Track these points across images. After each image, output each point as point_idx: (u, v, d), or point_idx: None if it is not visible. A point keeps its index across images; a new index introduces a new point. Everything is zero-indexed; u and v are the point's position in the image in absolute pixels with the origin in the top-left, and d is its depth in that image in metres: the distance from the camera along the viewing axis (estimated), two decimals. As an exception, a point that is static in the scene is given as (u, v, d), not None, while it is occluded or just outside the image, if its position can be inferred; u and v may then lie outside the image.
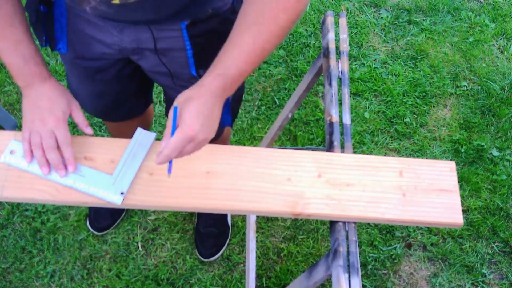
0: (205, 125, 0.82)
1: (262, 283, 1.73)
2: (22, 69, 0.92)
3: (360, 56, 2.25)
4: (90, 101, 1.29)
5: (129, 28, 1.02)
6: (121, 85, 1.24)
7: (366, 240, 1.82)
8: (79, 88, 1.25)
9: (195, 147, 0.83)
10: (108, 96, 1.26)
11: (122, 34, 1.03)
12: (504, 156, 2.05)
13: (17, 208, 1.78)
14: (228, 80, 0.83)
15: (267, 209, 0.93)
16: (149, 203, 0.92)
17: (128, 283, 1.68)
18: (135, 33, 1.03)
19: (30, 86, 0.93)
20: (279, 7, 0.81)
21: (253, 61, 0.84)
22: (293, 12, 0.82)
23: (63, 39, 1.08)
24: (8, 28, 0.90)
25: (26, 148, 0.91)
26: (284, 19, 0.82)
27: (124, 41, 1.04)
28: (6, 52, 0.91)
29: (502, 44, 2.37)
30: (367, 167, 0.99)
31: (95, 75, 1.17)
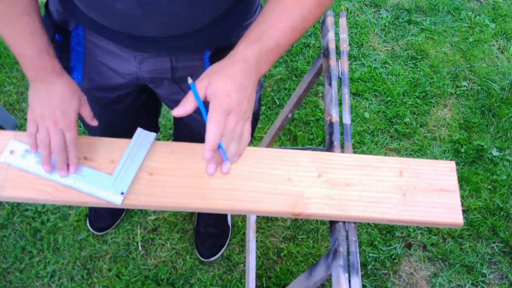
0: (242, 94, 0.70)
1: (262, 283, 1.73)
2: (34, 60, 0.88)
3: (360, 56, 2.25)
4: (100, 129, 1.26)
5: (150, 59, 1.00)
6: (134, 115, 1.22)
7: (366, 240, 1.82)
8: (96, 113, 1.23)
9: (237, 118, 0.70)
10: (120, 125, 1.23)
11: (141, 65, 1.01)
12: (504, 156, 2.05)
13: (17, 208, 1.78)
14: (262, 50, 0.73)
15: (267, 209, 0.93)
16: (149, 203, 0.92)
17: (128, 283, 1.68)
18: (155, 63, 1.01)
19: (41, 80, 0.90)
20: None
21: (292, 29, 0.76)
22: None
23: (79, 68, 1.06)
24: (24, 17, 0.86)
25: (32, 141, 0.90)
26: None
27: (142, 71, 1.03)
28: (20, 42, 0.88)
29: (502, 44, 2.37)
30: (367, 167, 0.99)
31: (110, 105, 1.15)
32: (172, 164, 0.96)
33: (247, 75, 0.72)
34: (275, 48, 0.75)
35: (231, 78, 0.70)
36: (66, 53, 1.03)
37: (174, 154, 0.98)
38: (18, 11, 0.86)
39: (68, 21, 1.00)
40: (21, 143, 0.95)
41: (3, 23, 0.87)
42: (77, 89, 0.94)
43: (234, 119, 0.70)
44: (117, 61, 1.02)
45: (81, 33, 1.01)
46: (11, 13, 0.85)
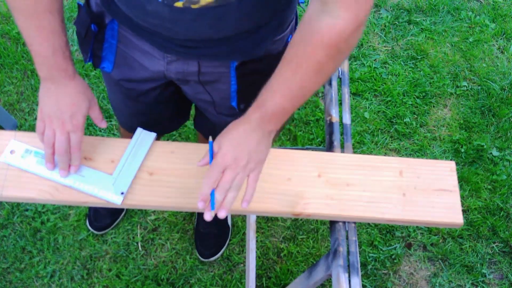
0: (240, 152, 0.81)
1: (262, 283, 1.73)
2: (48, 60, 0.89)
3: (360, 56, 2.25)
4: (129, 119, 1.29)
5: (178, 61, 1.01)
6: (163, 106, 1.23)
7: (366, 240, 1.82)
8: (120, 106, 1.26)
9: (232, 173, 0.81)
10: (148, 115, 1.25)
11: (169, 65, 1.02)
12: (504, 156, 2.05)
13: (17, 208, 1.78)
14: (267, 113, 0.82)
15: (267, 209, 0.93)
16: (149, 203, 0.93)
17: (128, 283, 1.68)
18: (182, 66, 1.02)
19: (52, 79, 0.90)
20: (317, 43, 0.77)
21: (292, 97, 0.82)
22: (332, 49, 0.77)
23: (110, 59, 1.07)
24: (47, 15, 0.86)
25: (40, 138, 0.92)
26: (322, 55, 0.78)
27: (170, 71, 1.04)
28: (37, 40, 0.88)
29: (502, 44, 2.37)
30: (367, 167, 0.99)
31: (138, 97, 1.16)
32: (172, 164, 0.96)
33: (248, 134, 0.82)
34: (278, 112, 0.83)
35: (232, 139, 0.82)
36: (99, 43, 1.04)
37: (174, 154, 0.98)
38: (41, 8, 0.86)
39: (105, 14, 1.01)
40: (21, 143, 0.95)
41: (24, 18, 0.87)
42: (88, 92, 0.95)
43: (230, 174, 0.81)
44: (146, 58, 1.03)
45: (116, 27, 1.02)
46: (33, 9, 0.86)
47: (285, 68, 0.81)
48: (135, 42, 1.02)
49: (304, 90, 0.82)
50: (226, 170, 0.81)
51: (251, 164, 0.83)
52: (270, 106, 0.82)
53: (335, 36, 0.76)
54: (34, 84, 2.04)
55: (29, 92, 2.02)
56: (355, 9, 0.74)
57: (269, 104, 0.82)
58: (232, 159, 0.81)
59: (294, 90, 0.81)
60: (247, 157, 0.82)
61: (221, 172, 0.81)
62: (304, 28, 0.79)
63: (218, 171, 0.81)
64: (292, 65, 0.80)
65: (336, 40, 0.76)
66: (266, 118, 0.82)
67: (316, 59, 0.78)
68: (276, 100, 0.81)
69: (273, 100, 0.81)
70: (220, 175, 0.81)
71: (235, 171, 0.81)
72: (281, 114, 0.83)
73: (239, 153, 0.82)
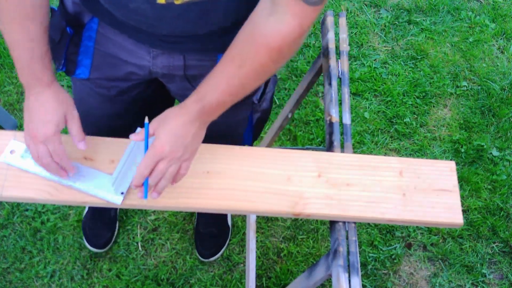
0: (177, 145, 0.84)
1: (262, 283, 1.73)
2: (26, 67, 0.89)
3: (360, 56, 2.25)
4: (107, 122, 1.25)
5: (163, 55, 1.01)
6: (142, 106, 1.22)
7: (366, 240, 1.82)
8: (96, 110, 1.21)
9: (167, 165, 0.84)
10: (126, 117, 1.23)
11: (155, 60, 1.02)
12: (504, 156, 2.05)
13: (17, 208, 1.78)
14: (205, 106, 0.85)
15: (267, 209, 0.93)
16: (149, 203, 0.93)
17: (128, 283, 1.68)
18: (168, 60, 1.01)
19: (30, 88, 0.90)
20: (262, 45, 0.79)
21: (232, 93, 0.85)
22: (276, 53, 0.80)
23: (86, 64, 1.06)
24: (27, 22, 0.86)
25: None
26: (265, 58, 0.80)
27: (156, 66, 1.03)
28: (17, 45, 0.88)
29: (502, 44, 2.37)
30: (367, 167, 0.99)
31: (117, 97, 1.14)
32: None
33: (187, 127, 0.85)
34: (217, 105, 0.85)
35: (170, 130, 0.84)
36: (75, 46, 1.03)
37: (174, 154, 0.97)
38: (23, 14, 0.85)
39: (82, 13, 1.00)
40: (21, 143, 0.95)
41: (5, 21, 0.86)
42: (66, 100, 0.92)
43: (165, 165, 0.84)
44: (130, 55, 1.03)
45: (95, 27, 1.01)
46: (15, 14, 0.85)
47: (228, 64, 0.83)
48: (117, 40, 1.01)
49: (245, 87, 0.85)
50: (161, 160, 0.84)
51: (186, 155, 0.86)
52: (210, 100, 0.84)
53: (279, 41, 0.78)
54: (34, 84, 2.04)
55: (29, 92, 2.02)
56: (301, 17, 0.76)
57: (209, 98, 0.84)
58: (169, 151, 0.84)
59: (235, 86, 0.84)
60: (183, 150, 0.85)
61: (156, 162, 0.84)
62: (250, 28, 0.81)
63: (153, 161, 0.84)
64: (235, 62, 0.82)
65: (280, 45, 0.78)
66: (205, 110, 0.85)
67: (259, 60, 0.81)
68: (216, 95, 0.84)
69: (214, 95, 0.84)
70: (154, 164, 0.84)
71: (170, 162, 0.84)
72: (220, 107, 0.86)
73: (176, 146, 0.84)
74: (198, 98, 0.85)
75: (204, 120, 0.87)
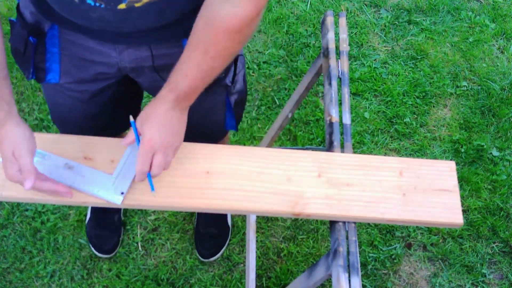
0: (164, 134, 0.87)
1: (262, 283, 1.73)
2: None
3: (360, 56, 2.25)
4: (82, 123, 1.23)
5: (129, 49, 1.01)
6: (116, 106, 1.22)
7: (366, 240, 1.82)
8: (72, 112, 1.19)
9: (163, 156, 0.87)
10: (101, 117, 1.23)
11: (122, 55, 1.02)
12: (504, 156, 2.05)
13: (17, 208, 1.78)
14: (180, 94, 0.88)
15: (267, 209, 0.93)
16: (149, 203, 0.93)
17: (128, 283, 1.68)
18: (135, 53, 1.02)
19: None
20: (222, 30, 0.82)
21: (202, 77, 0.88)
22: (236, 35, 0.83)
23: (55, 69, 1.06)
24: None
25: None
26: (227, 41, 0.83)
27: (123, 61, 1.04)
28: None
29: (502, 44, 2.37)
30: (367, 167, 0.99)
31: (91, 98, 1.14)
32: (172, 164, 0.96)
33: (168, 115, 0.88)
34: (191, 91, 0.89)
35: (154, 123, 0.87)
36: (41, 54, 1.03)
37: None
38: None
39: (42, 22, 1.00)
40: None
41: None
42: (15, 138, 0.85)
43: (161, 157, 0.87)
44: (97, 55, 1.03)
45: (57, 33, 1.01)
46: None
47: (194, 52, 0.86)
48: (80, 43, 1.01)
49: (214, 70, 0.88)
50: (155, 154, 0.86)
51: (176, 142, 0.90)
52: (183, 87, 0.87)
53: (238, 23, 0.81)
54: (34, 84, 2.04)
55: (29, 92, 2.03)
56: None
57: (181, 85, 0.87)
58: (159, 142, 0.86)
59: (204, 71, 0.87)
60: (172, 137, 0.88)
61: (151, 156, 0.86)
62: (207, 15, 0.83)
63: (148, 156, 0.86)
64: (199, 49, 0.85)
65: (239, 27, 0.82)
66: (181, 97, 0.88)
67: (222, 45, 0.84)
68: (188, 82, 0.87)
69: (186, 82, 0.87)
70: (151, 159, 0.86)
71: (165, 152, 0.87)
72: (194, 92, 0.89)
73: (164, 136, 0.87)
74: (171, 88, 0.88)
75: (182, 106, 0.90)
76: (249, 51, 2.22)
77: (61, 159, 0.94)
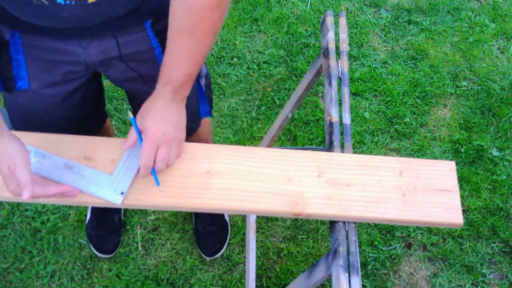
0: (166, 127, 0.88)
1: (262, 283, 1.73)
2: None
3: (360, 56, 2.25)
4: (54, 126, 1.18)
5: (94, 42, 1.01)
6: (87, 107, 1.21)
7: (366, 240, 1.82)
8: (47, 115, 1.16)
9: (166, 149, 0.88)
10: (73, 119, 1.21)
11: (87, 49, 1.02)
12: (504, 156, 2.05)
13: (17, 208, 1.78)
14: (176, 85, 0.89)
15: (267, 209, 0.93)
16: (149, 203, 0.92)
17: (128, 283, 1.68)
18: (100, 45, 1.02)
19: None
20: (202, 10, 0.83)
21: (194, 62, 0.89)
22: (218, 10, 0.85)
23: (23, 75, 1.05)
24: None
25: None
26: (210, 19, 0.85)
27: (90, 55, 1.04)
28: None
29: (502, 44, 2.37)
30: (367, 167, 0.99)
31: (62, 101, 1.13)
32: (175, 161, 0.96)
33: (167, 108, 0.89)
34: (186, 79, 0.89)
35: (154, 117, 0.87)
36: (7, 64, 1.03)
37: (174, 154, 0.97)
38: None
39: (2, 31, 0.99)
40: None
41: None
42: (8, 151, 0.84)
43: (165, 150, 0.88)
44: (62, 54, 1.03)
45: (19, 40, 1.01)
46: None
47: (179, 40, 0.87)
48: (44, 45, 1.01)
49: (203, 52, 0.89)
50: (159, 148, 0.87)
51: (179, 135, 0.90)
52: (177, 78, 0.88)
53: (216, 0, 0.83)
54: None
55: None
56: None
57: (175, 77, 0.88)
58: (162, 137, 0.87)
59: (194, 56, 0.88)
60: (174, 129, 0.89)
61: (155, 151, 0.87)
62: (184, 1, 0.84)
63: (152, 150, 0.87)
64: (184, 35, 0.86)
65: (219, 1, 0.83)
66: (177, 88, 0.89)
67: (206, 24, 0.85)
68: (181, 71, 0.88)
69: (179, 72, 0.88)
70: (155, 153, 0.87)
71: (168, 145, 0.88)
72: (189, 80, 0.90)
73: (166, 129, 0.87)
74: (166, 81, 0.88)
75: (180, 97, 0.91)
76: (249, 51, 2.22)
77: (61, 159, 0.94)
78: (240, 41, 2.24)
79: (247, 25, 2.29)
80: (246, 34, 2.27)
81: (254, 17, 2.31)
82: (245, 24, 2.30)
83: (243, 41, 2.24)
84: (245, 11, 2.33)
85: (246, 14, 2.32)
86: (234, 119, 2.03)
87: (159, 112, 0.88)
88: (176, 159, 0.92)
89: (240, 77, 2.14)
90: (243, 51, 2.21)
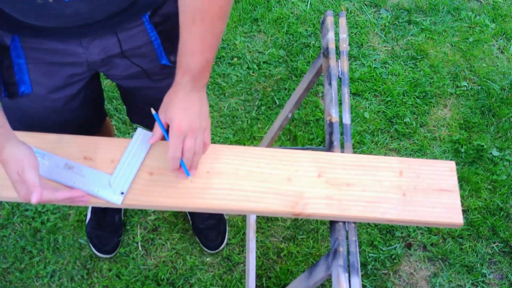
0: (190, 117, 0.87)
1: (262, 283, 1.73)
2: None
3: (360, 56, 2.25)
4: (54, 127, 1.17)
5: (95, 40, 1.01)
6: (87, 108, 1.22)
7: (366, 240, 1.82)
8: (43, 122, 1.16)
9: (192, 139, 0.87)
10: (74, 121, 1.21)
11: (89, 49, 1.02)
12: (504, 156, 2.05)
13: (17, 208, 1.78)
14: (195, 74, 0.88)
15: (267, 209, 0.93)
16: (149, 203, 0.92)
17: (128, 283, 1.68)
18: (101, 43, 1.02)
19: None
20: None
21: (209, 47, 0.88)
22: None
23: (25, 80, 1.05)
24: None
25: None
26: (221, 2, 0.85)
27: (92, 54, 1.03)
28: None
29: (502, 44, 2.37)
30: (367, 167, 0.99)
31: (64, 106, 1.13)
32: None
33: (189, 98, 0.88)
34: (204, 66, 0.89)
35: (178, 108, 0.87)
36: (8, 69, 1.02)
37: (174, 154, 0.97)
38: None
39: (2, 36, 0.99)
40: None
41: None
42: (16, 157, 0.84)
43: (191, 140, 0.87)
44: (63, 55, 1.03)
45: (19, 44, 1.00)
46: None
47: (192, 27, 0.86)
48: (45, 47, 1.01)
49: (217, 35, 0.89)
50: (185, 138, 0.87)
51: (204, 123, 0.90)
52: (195, 66, 0.87)
53: None
54: None
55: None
56: None
57: (193, 65, 0.87)
58: (187, 126, 0.86)
59: (208, 41, 0.87)
60: (199, 119, 0.88)
61: (182, 142, 0.87)
62: None
63: (179, 141, 0.86)
64: (197, 22, 0.85)
65: None
66: (196, 77, 0.88)
67: (217, 5, 0.85)
68: (198, 58, 0.87)
69: (195, 60, 0.87)
70: (182, 145, 0.87)
71: (194, 135, 0.88)
72: (208, 66, 0.90)
73: (191, 118, 0.87)
74: (184, 71, 0.88)
75: (200, 85, 0.90)
76: (249, 51, 2.22)
77: (61, 159, 0.94)
78: (240, 41, 2.24)
79: (247, 25, 2.29)
80: (246, 34, 2.27)
81: (254, 17, 2.31)
82: (245, 24, 2.30)
83: (243, 41, 2.24)
84: (245, 11, 2.33)
85: (246, 14, 2.32)
86: (234, 119, 2.03)
87: (181, 102, 0.88)
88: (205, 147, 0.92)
89: (240, 77, 2.14)
90: (243, 51, 2.21)
